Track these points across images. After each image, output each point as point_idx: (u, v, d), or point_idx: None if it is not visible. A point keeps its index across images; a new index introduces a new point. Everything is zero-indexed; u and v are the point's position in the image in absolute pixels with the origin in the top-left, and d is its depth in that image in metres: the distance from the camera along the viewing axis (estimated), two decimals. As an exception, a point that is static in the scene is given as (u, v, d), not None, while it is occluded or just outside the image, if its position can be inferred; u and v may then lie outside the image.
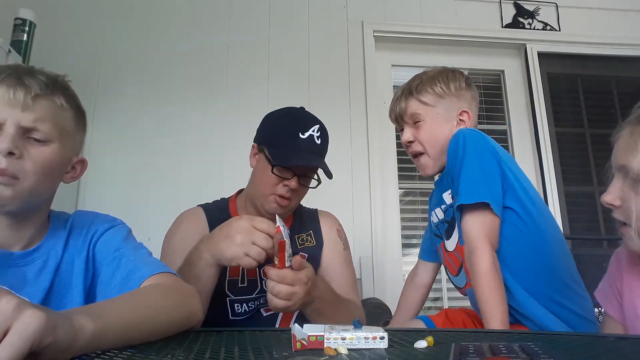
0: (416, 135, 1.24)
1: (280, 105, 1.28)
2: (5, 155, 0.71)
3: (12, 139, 0.71)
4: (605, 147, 0.90)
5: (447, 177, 1.18)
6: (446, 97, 1.23)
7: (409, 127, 1.27)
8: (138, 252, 0.84)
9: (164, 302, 0.69)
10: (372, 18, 2.67)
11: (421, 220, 2.60)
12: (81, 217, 0.88)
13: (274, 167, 1.12)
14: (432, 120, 1.23)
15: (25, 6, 1.85)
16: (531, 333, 0.88)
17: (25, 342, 0.41)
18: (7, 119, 0.72)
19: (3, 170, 0.71)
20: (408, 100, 1.26)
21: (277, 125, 1.20)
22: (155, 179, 2.31)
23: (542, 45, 2.77)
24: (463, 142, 1.10)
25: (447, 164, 1.17)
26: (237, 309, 1.14)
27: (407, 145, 1.28)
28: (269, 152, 1.14)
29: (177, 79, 2.45)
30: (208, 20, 2.55)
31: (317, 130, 1.16)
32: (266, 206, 1.15)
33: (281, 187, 1.13)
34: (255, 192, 1.18)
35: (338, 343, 0.56)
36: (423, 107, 1.24)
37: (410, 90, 1.26)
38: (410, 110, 1.25)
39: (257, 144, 1.22)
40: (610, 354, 0.57)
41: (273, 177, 1.12)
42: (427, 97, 1.24)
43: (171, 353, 0.55)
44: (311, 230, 1.26)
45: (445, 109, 1.24)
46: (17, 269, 0.76)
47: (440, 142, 1.22)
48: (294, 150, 1.12)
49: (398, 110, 1.28)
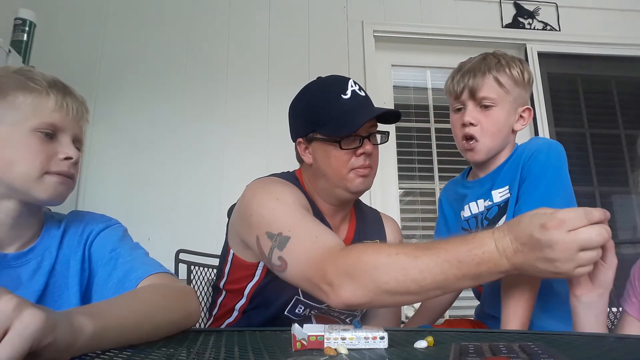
0: (481, 120, 1.12)
1: (280, 105, 1.26)
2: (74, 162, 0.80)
3: (75, 147, 0.81)
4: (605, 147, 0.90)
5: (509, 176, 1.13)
6: (519, 86, 1.14)
7: (474, 107, 1.13)
8: (134, 252, 0.84)
9: (162, 302, 0.69)
10: (372, 18, 2.67)
11: (421, 220, 2.60)
12: (76, 217, 0.88)
13: (341, 142, 1.01)
14: (503, 108, 1.12)
15: (25, 6, 1.85)
16: (531, 333, 0.88)
17: (25, 341, 0.41)
18: (67, 129, 0.80)
19: (72, 174, 0.81)
20: (485, 78, 1.12)
21: (313, 104, 1.07)
22: (155, 178, 2.31)
23: (542, 45, 2.77)
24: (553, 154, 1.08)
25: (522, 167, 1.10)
26: (297, 310, 1.06)
27: (464, 125, 1.13)
28: (324, 133, 1.04)
29: (177, 79, 2.45)
30: (208, 20, 2.55)
31: (355, 84, 1.07)
32: (351, 186, 1.04)
33: (356, 159, 1.03)
34: (332, 181, 1.05)
35: (338, 343, 0.56)
36: (499, 90, 1.12)
37: (489, 67, 1.13)
38: (484, 90, 1.11)
39: (302, 137, 1.10)
40: (610, 354, 0.57)
41: (344, 153, 1.02)
42: (504, 79, 1.12)
43: (171, 353, 0.55)
44: (377, 240, 1.17)
45: (515, 99, 1.14)
46: (12, 270, 0.76)
47: (502, 134, 1.14)
48: (348, 113, 1.01)
49: (470, 84, 1.12)
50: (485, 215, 1.17)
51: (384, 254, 0.75)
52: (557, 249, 0.67)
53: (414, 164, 2.63)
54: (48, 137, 0.77)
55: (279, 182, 1.05)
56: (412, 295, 0.74)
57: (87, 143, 2.27)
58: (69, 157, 0.78)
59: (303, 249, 0.86)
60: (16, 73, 0.78)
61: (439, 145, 2.65)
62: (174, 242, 1.88)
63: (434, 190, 2.60)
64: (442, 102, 2.82)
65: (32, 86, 0.77)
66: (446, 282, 0.72)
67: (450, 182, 1.37)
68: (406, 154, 2.63)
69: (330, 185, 1.07)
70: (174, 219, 2.27)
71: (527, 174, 1.09)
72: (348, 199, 1.10)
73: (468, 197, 1.22)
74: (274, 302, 1.05)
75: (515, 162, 1.13)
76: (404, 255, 0.74)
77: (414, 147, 2.66)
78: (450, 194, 1.32)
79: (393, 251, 0.75)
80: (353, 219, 1.19)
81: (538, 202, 1.05)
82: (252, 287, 1.08)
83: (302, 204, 0.99)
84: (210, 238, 2.18)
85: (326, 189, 1.08)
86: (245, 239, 1.02)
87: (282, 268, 0.89)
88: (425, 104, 2.76)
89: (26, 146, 0.75)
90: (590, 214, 0.68)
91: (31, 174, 0.75)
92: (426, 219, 2.60)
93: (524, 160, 1.11)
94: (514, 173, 1.12)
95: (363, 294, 0.75)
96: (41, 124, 0.76)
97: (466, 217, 1.22)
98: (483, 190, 1.18)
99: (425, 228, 2.56)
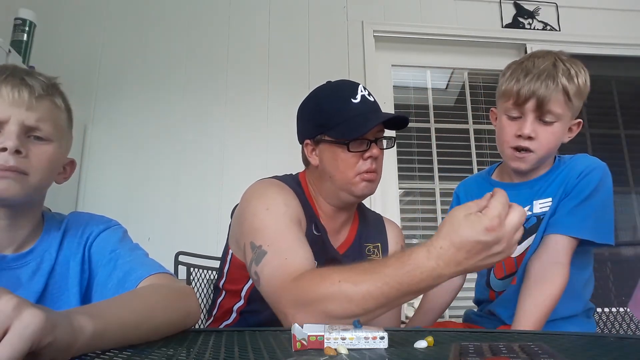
0: (539, 133, 1.05)
1: (280, 105, 1.27)
2: (12, 153, 0.73)
3: (17, 137, 0.73)
4: (606, 147, 0.91)
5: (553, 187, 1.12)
6: (581, 98, 1.07)
7: (534, 120, 1.05)
8: (134, 253, 0.84)
9: (162, 302, 0.69)
10: (372, 18, 2.67)
11: (421, 220, 2.60)
12: (76, 218, 0.87)
13: (349, 145, 1.03)
14: (564, 123, 1.07)
15: (25, 6, 1.85)
16: (531, 333, 0.88)
17: (25, 341, 0.41)
18: (11, 117, 0.73)
19: (13, 167, 0.73)
20: (557, 88, 1.03)
21: (323, 106, 1.08)
22: (155, 179, 2.31)
23: (542, 45, 2.75)
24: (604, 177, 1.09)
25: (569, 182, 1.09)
26: None
27: (520, 137, 1.07)
28: (332, 135, 1.04)
29: (177, 79, 2.45)
30: (208, 20, 2.55)
31: (364, 89, 1.07)
32: (355, 190, 1.05)
33: (363, 163, 1.04)
34: (338, 183, 1.06)
35: (338, 343, 0.56)
36: (565, 104, 1.04)
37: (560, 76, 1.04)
38: (553, 103, 1.03)
39: (309, 139, 1.10)
40: (610, 354, 0.57)
41: (351, 156, 1.03)
42: (573, 91, 1.04)
43: (171, 353, 0.55)
44: (379, 243, 1.18)
45: (573, 112, 1.07)
46: (11, 271, 0.76)
47: (555, 148, 1.10)
48: (357, 117, 1.02)
49: (541, 93, 1.02)
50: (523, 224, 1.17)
51: (328, 282, 0.79)
52: (503, 243, 0.73)
53: (414, 164, 2.63)
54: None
55: (276, 187, 1.05)
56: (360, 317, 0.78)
57: (87, 143, 2.28)
58: (3, 148, 0.72)
59: (272, 269, 0.89)
60: None
61: (439, 145, 2.65)
62: (173, 243, 1.88)
63: (434, 190, 2.60)
64: (442, 102, 2.82)
65: None
66: (388, 301, 0.77)
67: (471, 178, 1.35)
68: (406, 154, 2.63)
69: (335, 188, 1.08)
70: (174, 220, 2.27)
71: (572, 190, 1.09)
72: (352, 202, 1.11)
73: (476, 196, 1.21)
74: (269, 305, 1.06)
75: (562, 176, 1.12)
76: (346, 283, 0.78)
77: (414, 147, 2.66)
78: (472, 190, 1.29)
79: (336, 279, 0.79)
80: (355, 222, 1.19)
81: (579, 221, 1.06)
82: (248, 288, 1.09)
83: (293, 214, 0.99)
84: (209, 239, 2.18)
85: (331, 191, 1.09)
86: (239, 242, 1.04)
87: (258, 283, 0.93)
88: (425, 104, 2.76)
89: None
90: (503, 197, 0.73)
91: None
92: (426, 219, 2.60)
93: (573, 175, 1.09)
94: (559, 186, 1.11)
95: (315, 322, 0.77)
96: None
97: None
98: (521, 197, 1.12)
99: (425, 228, 2.56)
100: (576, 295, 1.13)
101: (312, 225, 1.06)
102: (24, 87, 0.75)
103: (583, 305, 1.16)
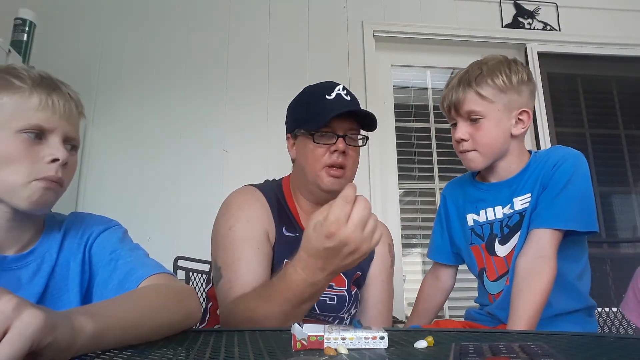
0: (472, 134, 1.14)
1: (280, 105, 1.27)
2: (62, 165, 0.75)
3: (64, 148, 0.76)
4: (606, 147, 0.91)
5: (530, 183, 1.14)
6: (507, 92, 1.13)
7: (463, 123, 1.15)
8: (135, 253, 0.83)
9: (162, 302, 0.69)
10: (372, 18, 2.67)
11: (421, 220, 2.60)
12: (76, 219, 0.87)
13: (314, 135, 1.06)
14: (491, 119, 1.13)
15: (25, 6, 1.85)
16: (531, 333, 0.88)
17: (25, 341, 0.41)
18: (57, 128, 0.76)
19: (60, 179, 0.75)
20: (466, 92, 1.13)
21: (300, 102, 1.14)
22: (155, 179, 2.31)
23: (542, 45, 2.77)
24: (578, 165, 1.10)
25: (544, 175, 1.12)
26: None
27: (458, 142, 1.17)
28: (304, 127, 1.09)
29: (177, 79, 2.45)
30: (208, 20, 2.55)
31: (343, 89, 1.10)
32: (321, 184, 1.07)
33: (329, 156, 1.06)
34: (306, 176, 1.10)
35: (338, 343, 0.56)
36: (482, 102, 1.13)
37: (469, 81, 1.14)
38: (468, 105, 1.13)
39: (289, 133, 1.16)
40: (610, 354, 0.57)
41: (317, 147, 1.06)
42: (487, 90, 1.12)
43: (171, 353, 0.55)
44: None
45: (505, 106, 1.14)
46: (11, 272, 0.76)
47: (497, 143, 1.15)
48: (326, 109, 1.05)
49: (454, 99, 1.15)
50: (506, 222, 1.17)
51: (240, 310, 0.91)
52: (350, 243, 0.74)
53: (413, 164, 2.63)
54: (36, 139, 0.74)
55: (245, 199, 1.10)
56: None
57: (87, 143, 2.27)
58: (55, 159, 0.74)
59: (222, 295, 0.99)
60: (1, 72, 0.75)
61: (439, 145, 2.65)
62: (172, 246, 1.88)
63: (434, 190, 2.60)
64: (442, 102, 2.82)
65: (17, 85, 0.74)
66: (288, 317, 0.82)
67: (456, 180, 1.36)
68: (406, 154, 2.63)
69: (307, 182, 1.11)
70: (173, 220, 2.26)
71: (548, 182, 1.10)
72: (323, 197, 1.09)
73: (483, 201, 1.22)
74: None
75: (538, 170, 1.14)
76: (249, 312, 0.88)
77: (414, 147, 2.66)
78: (456, 193, 1.31)
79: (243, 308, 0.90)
80: None
81: (557, 212, 1.07)
82: None
83: (254, 229, 1.04)
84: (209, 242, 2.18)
85: (305, 185, 1.13)
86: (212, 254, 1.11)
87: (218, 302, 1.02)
88: (425, 104, 2.75)
89: (10, 150, 0.72)
90: (346, 197, 0.74)
91: (16, 181, 0.72)
92: (426, 219, 2.60)
93: (547, 168, 1.11)
94: (535, 181, 1.13)
95: None
96: (25, 125, 0.73)
97: (481, 222, 1.21)
98: (501, 196, 1.17)
99: (425, 228, 2.56)
100: (570, 287, 1.13)
101: (282, 228, 1.10)
102: (72, 102, 0.79)
103: (583, 301, 1.16)
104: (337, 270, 0.80)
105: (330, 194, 1.09)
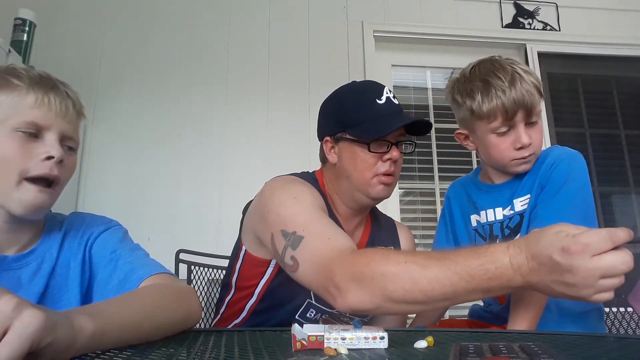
0: (532, 136, 1.08)
1: (280, 105, 1.27)
2: (58, 162, 0.74)
3: (60, 146, 0.75)
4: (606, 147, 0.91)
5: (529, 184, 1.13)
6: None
7: (523, 126, 1.07)
8: (135, 253, 0.84)
9: (162, 302, 0.69)
10: (372, 18, 2.67)
11: (421, 220, 2.60)
12: (76, 219, 0.87)
13: (370, 145, 1.02)
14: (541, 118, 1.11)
15: (25, 6, 1.85)
16: (531, 333, 0.88)
17: (25, 341, 0.41)
18: (53, 126, 0.75)
19: (56, 177, 0.75)
20: (531, 89, 1.05)
21: (347, 105, 1.08)
22: (155, 179, 2.31)
23: (542, 45, 2.77)
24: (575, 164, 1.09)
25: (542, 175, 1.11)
26: (309, 314, 1.06)
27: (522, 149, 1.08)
28: (354, 134, 1.04)
29: (177, 79, 2.45)
30: (208, 20, 2.55)
31: (389, 92, 1.08)
32: (372, 192, 1.04)
33: (382, 164, 1.03)
34: (353, 182, 1.05)
35: (338, 343, 0.56)
36: (540, 100, 1.08)
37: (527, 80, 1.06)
38: (538, 106, 1.07)
39: (329, 136, 1.10)
40: (610, 354, 0.57)
41: (370, 156, 1.03)
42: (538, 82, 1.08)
43: (171, 353, 0.55)
44: (392, 247, 1.16)
45: None
46: (12, 272, 0.76)
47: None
48: (382, 118, 1.02)
49: (527, 100, 1.04)
50: (507, 224, 1.17)
51: (393, 261, 0.73)
52: (578, 274, 0.62)
53: (413, 164, 2.63)
54: (32, 137, 0.73)
55: (298, 181, 1.04)
56: (418, 305, 0.73)
57: (87, 143, 2.28)
58: (50, 157, 0.73)
59: (315, 249, 0.85)
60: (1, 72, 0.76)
61: (439, 145, 2.65)
62: (174, 242, 1.88)
63: (434, 190, 2.60)
64: (442, 102, 2.82)
65: (14, 84, 0.74)
66: (455, 294, 0.70)
67: (459, 180, 1.35)
68: (406, 154, 2.61)
69: (351, 188, 1.07)
70: (174, 219, 2.26)
71: (546, 183, 1.09)
72: (367, 204, 1.09)
73: (485, 202, 1.21)
74: (285, 304, 1.05)
75: (536, 170, 1.13)
76: (413, 265, 0.71)
77: (414, 147, 2.65)
78: (460, 193, 1.31)
79: (402, 259, 0.73)
80: (368, 225, 1.19)
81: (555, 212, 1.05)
82: (263, 286, 1.08)
83: (319, 204, 0.98)
84: (210, 238, 2.18)
85: (347, 191, 1.09)
86: (260, 235, 1.02)
87: (294, 268, 0.88)
88: (425, 104, 2.76)
89: (5, 149, 0.72)
90: (614, 236, 0.62)
91: (8, 183, 0.71)
92: (426, 219, 2.60)
93: (544, 169, 1.11)
94: (534, 181, 1.12)
95: (370, 301, 0.74)
96: (21, 122, 0.73)
97: (482, 223, 1.21)
98: (503, 198, 1.17)
99: (425, 228, 2.56)
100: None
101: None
102: (69, 100, 0.78)
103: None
104: (536, 285, 0.68)
105: (376, 202, 1.09)
